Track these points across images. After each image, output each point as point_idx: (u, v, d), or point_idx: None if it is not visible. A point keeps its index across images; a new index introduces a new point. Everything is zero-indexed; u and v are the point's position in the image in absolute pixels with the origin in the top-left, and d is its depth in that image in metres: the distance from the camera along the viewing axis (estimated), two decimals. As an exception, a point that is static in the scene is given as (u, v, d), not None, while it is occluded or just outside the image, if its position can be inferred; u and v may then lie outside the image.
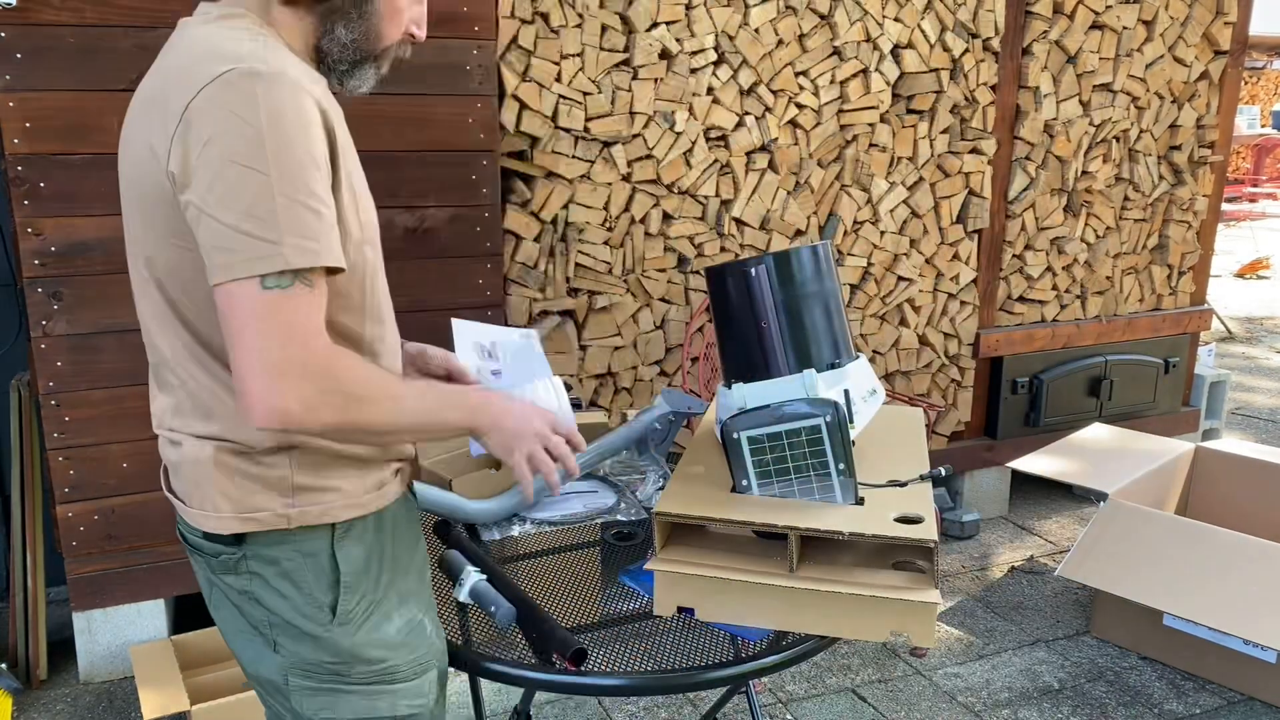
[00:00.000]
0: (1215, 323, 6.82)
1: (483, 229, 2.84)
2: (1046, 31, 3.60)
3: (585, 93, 2.90)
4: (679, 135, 3.06)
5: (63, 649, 2.84)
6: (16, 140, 2.35)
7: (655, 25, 2.95)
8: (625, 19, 2.92)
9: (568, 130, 2.91)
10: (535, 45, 2.81)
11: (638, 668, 1.36)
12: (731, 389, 1.56)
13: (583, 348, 3.07)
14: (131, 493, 2.61)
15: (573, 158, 2.93)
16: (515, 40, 2.79)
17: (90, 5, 2.36)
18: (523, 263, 2.94)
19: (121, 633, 2.73)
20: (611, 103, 2.94)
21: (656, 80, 2.99)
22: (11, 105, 2.33)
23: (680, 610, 1.43)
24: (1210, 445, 3.49)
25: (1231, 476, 3.40)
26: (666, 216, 3.12)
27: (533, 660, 1.37)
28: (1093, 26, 3.69)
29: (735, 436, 1.46)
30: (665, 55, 2.99)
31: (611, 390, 3.15)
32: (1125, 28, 3.74)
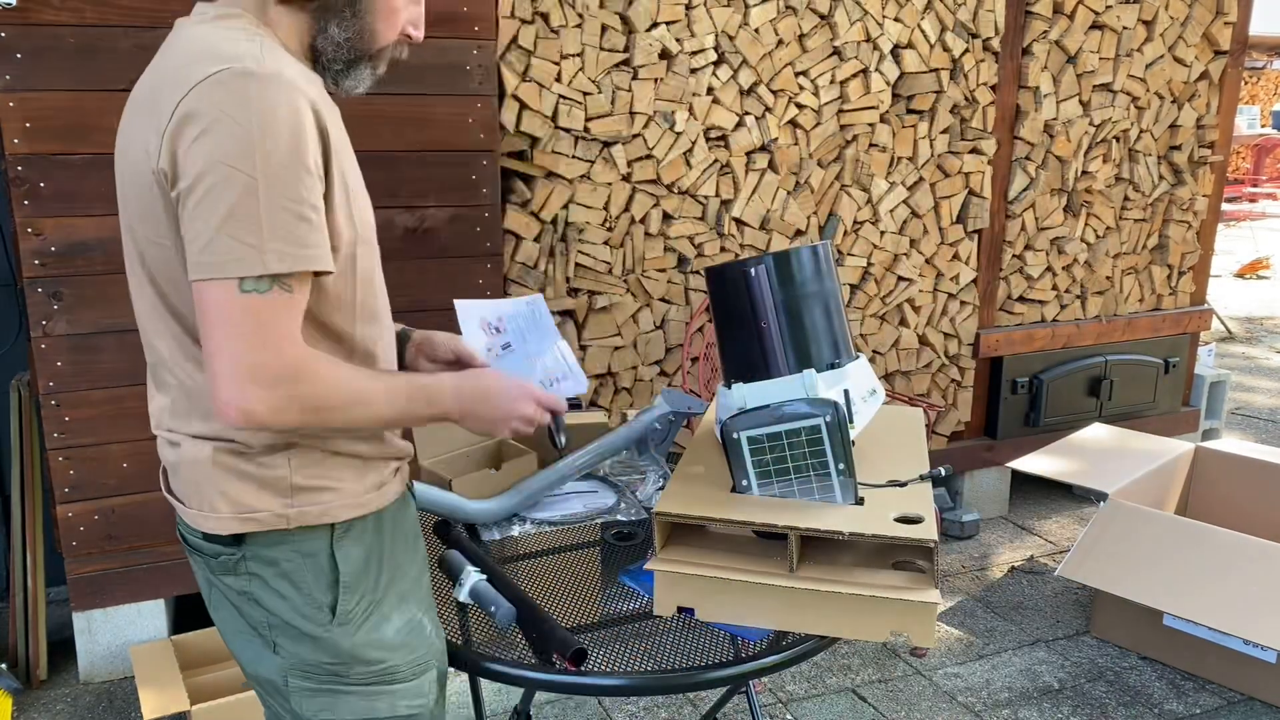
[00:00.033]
0: (1215, 323, 6.82)
1: (483, 229, 2.84)
2: (1046, 31, 3.60)
3: (585, 93, 2.90)
4: (679, 135, 3.06)
5: (63, 649, 2.84)
6: (16, 140, 2.35)
7: (655, 25, 2.95)
8: (625, 19, 2.92)
9: (568, 130, 2.91)
10: (535, 45, 2.81)
11: (638, 668, 1.36)
12: (731, 389, 1.55)
13: (583, 348, 3.07)
14: (131, 493, 2.61)
15: (573, 158, 2.93)
16: (515, 40, 2.79)
17: (90, 5, 2.36)
18: (523, 263, 2.94)
19: (121, 633, 2.73)
20: (611, 103, 2.94)
21: (656, 80, 2.99)
22: (11, 105, 2.33)
23: (680, 610, 1.43)
24: (1210, 445, 3.49)
25: (1231, 476, 3.40)
26: (666, 216, 3.12)
27: (533, 660, 1.37)
28: (1093, 26, 3.69)
29: (735, 436, 1.46)
30: (665, 55, 2.99)
31: (611, 390, 3.15)
32: (1125, 28, 3.74)
